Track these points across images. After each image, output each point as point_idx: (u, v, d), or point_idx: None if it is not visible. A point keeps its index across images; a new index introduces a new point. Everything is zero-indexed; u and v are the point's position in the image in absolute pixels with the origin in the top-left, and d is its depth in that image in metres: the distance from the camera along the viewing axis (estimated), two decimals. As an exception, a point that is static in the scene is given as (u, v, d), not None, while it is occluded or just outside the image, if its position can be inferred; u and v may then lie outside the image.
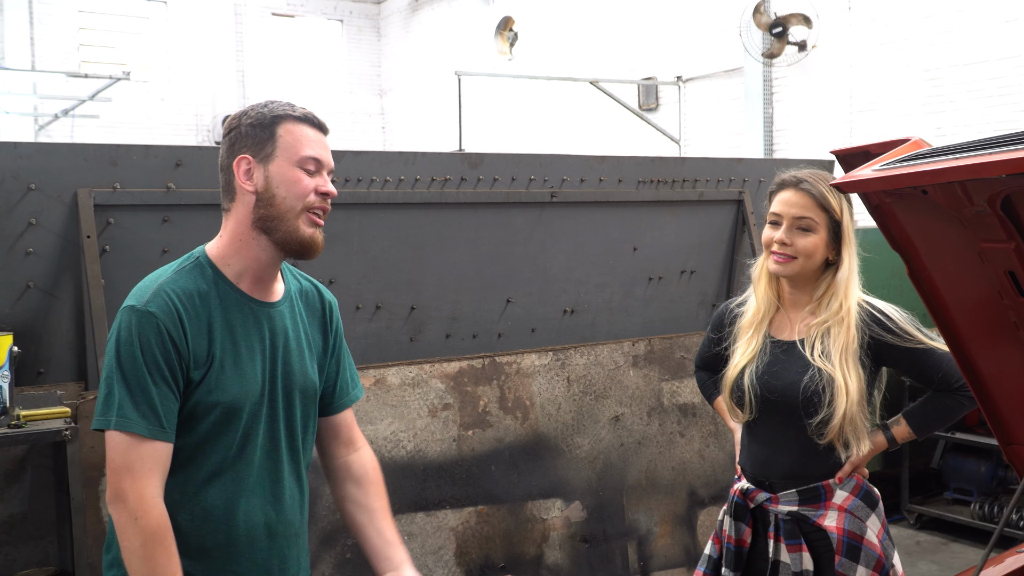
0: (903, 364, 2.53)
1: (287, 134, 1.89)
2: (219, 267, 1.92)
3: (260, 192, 1.88)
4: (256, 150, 1.89)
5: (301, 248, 1.91)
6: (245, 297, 1.93)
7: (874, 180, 1.75)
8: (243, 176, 1.89)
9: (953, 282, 1.93)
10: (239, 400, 1.88)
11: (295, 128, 1.90)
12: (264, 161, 1.88)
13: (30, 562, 3.21)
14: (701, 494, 4.51)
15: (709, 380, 2.90)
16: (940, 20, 7.99)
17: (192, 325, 1.84)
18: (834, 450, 2.49)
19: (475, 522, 3.94)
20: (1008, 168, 1.50)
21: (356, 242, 3.97)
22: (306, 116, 1.93)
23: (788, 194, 2.50)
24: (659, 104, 11.17)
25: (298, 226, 1.89)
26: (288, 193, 1.88)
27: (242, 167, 1.89)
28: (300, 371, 2.01)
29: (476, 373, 4.01)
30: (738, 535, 2.60)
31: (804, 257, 2.48)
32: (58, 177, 3.34)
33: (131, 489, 1.77)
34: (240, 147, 1.90)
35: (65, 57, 13.93)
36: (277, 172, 1.88)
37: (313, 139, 1.91)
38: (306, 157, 1.89)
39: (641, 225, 4.70)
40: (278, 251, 1.92)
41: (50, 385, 3.31)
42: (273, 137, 1.89)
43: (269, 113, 1.90)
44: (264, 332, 1.94)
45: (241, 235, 1.91)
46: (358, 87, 16.80)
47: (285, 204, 1.88)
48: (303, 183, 1.88)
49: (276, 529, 1.96)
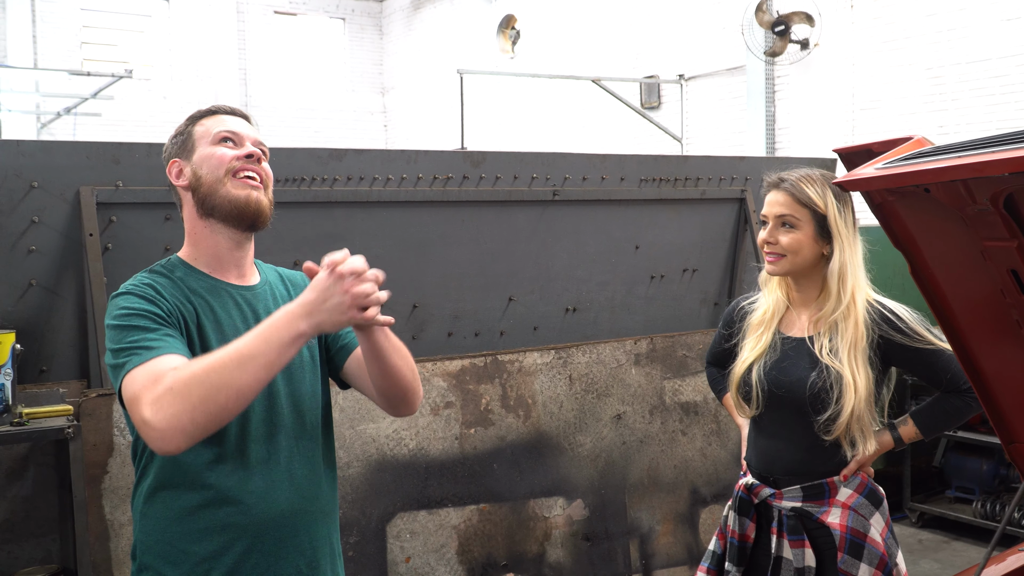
0: (912, 364, 2.53)
1: (200, 127, 2.02)
2: (190, 263, 1.99)
3: (191, 182, 1.98)
4: (180, 152, 2.02)
5: (241, 211, 1.94)
6: (220, 283, 1.97)
7: (877, 178, 1.75)
8: (176, 178, 2.01)
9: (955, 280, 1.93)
10: None
11: (207, 120, 2.03)
12: (187, 157, 2.00)
13: (32, 560, 3.22)
14: (703, 492, 4.51)
15: (720, 375, 2.91)
16: (942, 18, 7.98)
17: (174, 299, 1.89)
18: (839, 447, 2.50)
19: (477, 520, 3.95)
20: (1011, 167, 1.50)
21: (358, 241, 3.97)
22: (216, 108, 2.06)
23: (771, 194, 2.57)
24: (661, 102, 11.17)
25: (228, 191, 1.94)
26: (209, 168, 1.96)
27: (174, 171, 2.01)
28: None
29: (478, 371, 4.01)
30: (742, 530, 2.61)
31: (791, 254, 2.51)
32: (60, 175, 3.34)
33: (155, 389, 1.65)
34: (169, 156, 2.04)
35: (67, 55, 13.94)
36: (199, 159, 1.98)
37: (227, 121, 2.02)
38: (218, 134, 1.99)
39: (643, 223, 4.70)
40: (229, 227, 1.97)
41: (52, 383, 3.31)
42: (191, 135, 2.02)
43: (187, 121, 2.05)
44: (246, 313, 1.97)
45: (195, 229, 1.99)
46: (360, 85, 16.80)
47: (210, 177, 1.95)
48: (219, 154, 1.97)
49: (298, 508, 1.94)
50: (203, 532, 1.86)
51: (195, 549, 1.86)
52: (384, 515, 3.76)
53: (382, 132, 16.86)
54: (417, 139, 15.46)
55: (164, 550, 1.87)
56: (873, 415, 2.50)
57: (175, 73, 14.97)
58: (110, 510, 3.21)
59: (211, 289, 1.95)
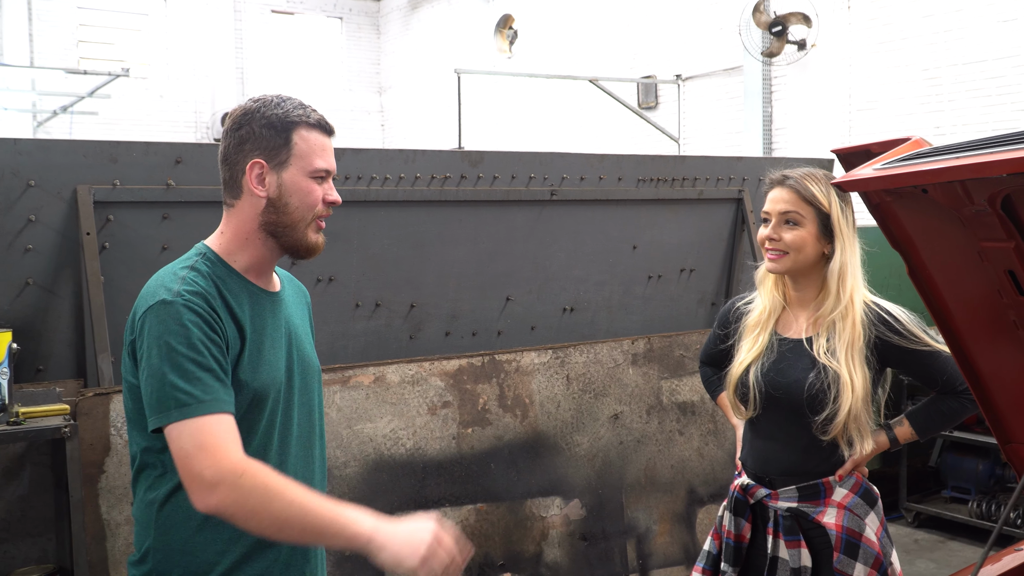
0: (908, 366, 2.54)
1: (302, 141, 1.88)
2: (227, 261, 1.91)
3: (272, 198, 1.88)
4: (270, 155, 1.88)
5: (308, 253, 1.95)
6: (257, 288, 1.94)
7: (875, 179, 1.76)
8: (255, 180, 1.88)
9: (953, 281, 1.94)
10: (266, 387, 1.87)
11: (309, 136, 1.89)
12: (278, 168, 1.88)
13: (28, 559, 3.21)
14: (700, 492, 4.52)
15: (714, 376, 2.91)
16: (939, 19, 7.99)
17: (223, 310, 1.83)
18: (835, 447, 2.50)
19: (474, 520, 3.95)
20: (1008, 167, 1.50)
21: (356, 240, 3.97)
22: (319, 122, 1.92)
23: (775, 191, 2.56)
24: (658, 102, 11.17)
25: (307, 234, 1.92)
26: (301, 203, 1.89)
27: (255, 171, 1.88)
28: (310, 355, 2.06)
29: (475, 371, 4.01)
30: (738, 531, 2.61)
31: (794, 251, 2.51)
32: (57, 174, 3.34)
33: (213, 462, 1.67)
34: (252, 148, 1.88)
35: (64, 54, 13.92)
36: (291, 181, 1.88)
37: (326, 148, 1.92)
38: (319, 168, 1.90)
39: (641, 223, 4.71)
40: (282, 251, 1.95)
41: (49, 382, 3.31)
42: (288, 144, 1.88)
43: (284, 117, 1.88)
44: (280, 320, 1.97)
45: (247, 233, 1.91)
46: (357, 85, 16.80)
47: (297, 214, 1.89)
48: (315, 194, 1.90)
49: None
50: (228, 542, 1.84)
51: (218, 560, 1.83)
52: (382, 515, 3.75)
53: (379, 132, 16.85)
54: (414, 139, 15.46)
55: (184, 560, 1.83)
56: (870, 415, 2.51)
57: (172, 72, 14.96)
58: (107, 510, 3.20)
59: (249, 294, 1.92)
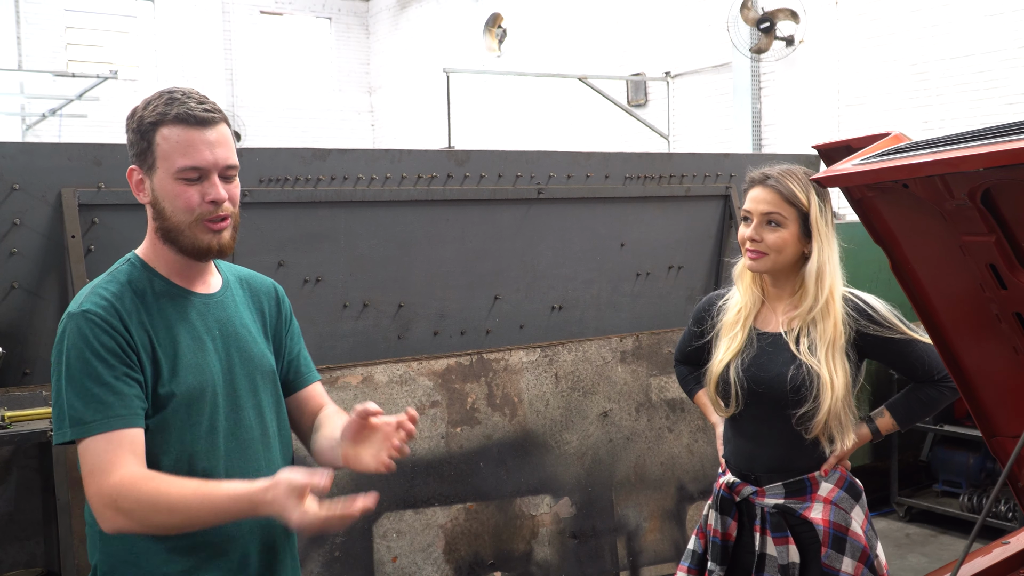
0: (886, 355, 2.54)
1: (163, 142, 1.77)
2: (151, 265, 1.87)
3: (152, 204, 1.82)
4: (140, 160, 1.81)
5: (207, 255, 1.84)
6: (183, 291, 1.87)
7: (855, 174, 1.76)
8: (136, 188, 1.84)
9: (935, 275, 1.94)
10: (195, 389, 1.81)
11: (170, 134, 1.77)
12: (149, 172, 1.80)
13: (16, 563, 3.20)
14: (690, 489, 4.52)
15: (690, 374, 2.91)
16: (926, 14, 8.02)
17: (132, 319, 1.78)
18: (819, 443, 2.51)
19: (464, 519, 3.94)
20: (987, 161, 1.50)
21: (343, 240, 3.97)
22: (180, 116, 1.77)
23: (756, 191, 2.55)
24: (648, 100, 11.18)
25: (195, 235, 1.80)
26: (174, 208, 1.79)
27: (134, 179, 1.83)
28: (259, 355, 1.96)
29: (464, 370, 4.00)
30: (724, 529, 2.61)
31: (775, 252, 2.51)
32: (42, 177, 3.33)
33: (96, 489, 1.68)
34: (130, 155, 1.83)
35: (52, 56, 13.87)
36: (160, 186, 1.79)
37: (190, 143, 1.77)
38: (183, 167, 1.77)
39: (628, 221, 4.71)
40: (189, 258, 1.86)
41: (36, 386, 3.29)
42: (151, 147, 1.78)
43: (145, 118, 1.79)
44: (210, 322, 1.89)
45: (155, 240, 1.86)
46: (347, 85, 16.78)
47: (175, 218, 1.80)
48: (184, 196, 1.78)
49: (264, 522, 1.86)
50: (173, 551, 1.80)
51: (165, 569, 1.80)
52: (370, 515, 3.75)
53: (369, 131, 16.84)
54: (404, 138, 15.45)
55: (131, 572, 1.80)
56: (851, 410, 2.51)
57: (161, 74, 14.91)
58: (94, 513, 3.20)
59: (172, 296, 1.86)
